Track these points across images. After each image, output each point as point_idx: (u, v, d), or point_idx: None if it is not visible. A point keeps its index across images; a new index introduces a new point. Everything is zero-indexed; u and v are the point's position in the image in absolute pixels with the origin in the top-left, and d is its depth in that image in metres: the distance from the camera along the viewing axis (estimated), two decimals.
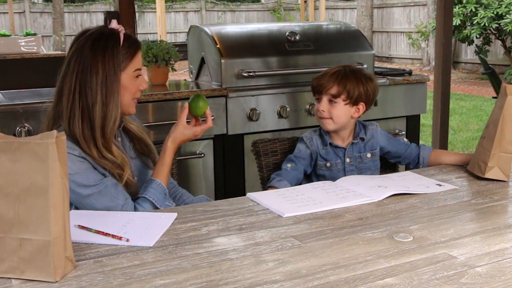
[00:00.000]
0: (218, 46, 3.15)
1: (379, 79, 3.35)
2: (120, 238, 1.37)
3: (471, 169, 1.93)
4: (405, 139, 2.33)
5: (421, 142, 4.65)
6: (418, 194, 1.75)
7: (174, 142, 1.80)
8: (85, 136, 1.67)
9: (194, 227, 1.48)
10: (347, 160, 2.12)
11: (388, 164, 2.28)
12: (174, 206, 1.79)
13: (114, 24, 1.75)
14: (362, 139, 2.14)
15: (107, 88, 1.68)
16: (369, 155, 2.15)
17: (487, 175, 1.86)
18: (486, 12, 10.50)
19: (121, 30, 1.73)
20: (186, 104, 1.80)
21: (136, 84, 1.77)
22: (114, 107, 1.69)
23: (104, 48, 1.68)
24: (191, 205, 1.77)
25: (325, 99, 2.07)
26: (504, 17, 10.35)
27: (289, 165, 2.10)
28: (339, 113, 2.06)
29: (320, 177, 2.08)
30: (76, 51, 1.69)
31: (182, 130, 1.80)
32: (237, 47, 3.25)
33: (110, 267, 1.24)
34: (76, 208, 1.69)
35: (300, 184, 2.07)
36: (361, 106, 2.09)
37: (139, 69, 1.77)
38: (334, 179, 1.92)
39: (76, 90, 1.67)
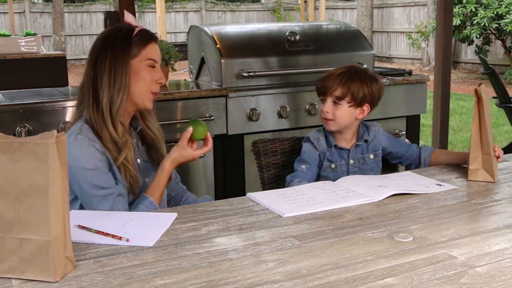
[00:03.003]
0: (218, 46, 3.15)
1: None
2: (120, 238, 1.37)
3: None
4: (407, 140, 2.33)
5: (421, 142, 4.66)
6: (418, 194, 1.75)
7: (173, 163, 1.81)
8: (96, 117, 1.73)
9: (194, 227, 1.48)
10: (351, 161, 2.12)
11: (388, 164, 2.28)
12: None
13: (130, 18, 1.81)
14: (366, 140, 2.14)
15: (114, 70, 1.73)
16: (372, 156, 2.15)
17: (470, 178, 1.89)
18: (486, 12, 10.50)
19: (140, 26, 1.80)
20: (190, 128, 1.80)
21: (150, 74, 1.78)
22: (121, 88, 1.73)
23: (115, 36, 1.76)
24: (191, 205, 1.77)
25: (329, 101, 2.06)
26: (504, 17, 10.35)
27: (303, 166, 2.09)
28: (343, 115, 2.05)
29: (324, 178, 2.07)
30: (93, 45, 1.80)
31: (182, 152, 1.81)
32: (237, 47, 3.25)
33: (110, 267, 1.24)
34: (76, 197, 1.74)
35: None
36: (366, 108, 2.08)
37: (153, 60, 1.79)
38: None
39: (90, 78, 1.76)
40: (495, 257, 1.27)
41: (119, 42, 1.75)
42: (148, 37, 1.80)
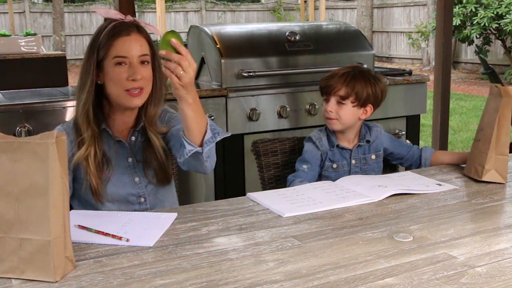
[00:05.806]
0: (218, 46, 3.15)
1: None
2: (120, 238, 1.37)
3: (467, 172, 1.93)
4: (407, 141, 2.33)
5: (421, 142, 4.66)
6: (418, 194, 1.75)
7: (189, 101, 1.60)
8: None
9: (194, 227, 1.48)
10: (353, 161, 2.12)
11: (388, 164, 2.28)
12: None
13: (109, 13, 1.73)
14: (368, 141, 2.14)
15: (81, 77, 1.73)
16: (373, 156, 2.15)
17: (484, 178, 1.86)
18: (486, 12, 10.50)
19: (119, 20, 1.71)
20: (162, 52, 1.48)
21: (118, 73, 1.68)
22: (84, 94, 1.71)
23: (91, 41, 1.73)
24: (191, 205, 1.77)
25: (333, 100, 2.07)
26: (504, 17, 10.36)
27: (305, 166, 2.09)
28: (347, 115, 2.05)
29: (326, 178, 2.07)
30: None
31: (176, 91, 1.56)
32: (237, 47, 3.25)
33: (110, 267, 1.24)
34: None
35: None
36: (369, 108, 2.08)
37: (120, 57, 1.68)
38: None
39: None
40: (495, 257, 1.27)
41: (90, 46, 1.71)
42: (114, 33, 1.69)
